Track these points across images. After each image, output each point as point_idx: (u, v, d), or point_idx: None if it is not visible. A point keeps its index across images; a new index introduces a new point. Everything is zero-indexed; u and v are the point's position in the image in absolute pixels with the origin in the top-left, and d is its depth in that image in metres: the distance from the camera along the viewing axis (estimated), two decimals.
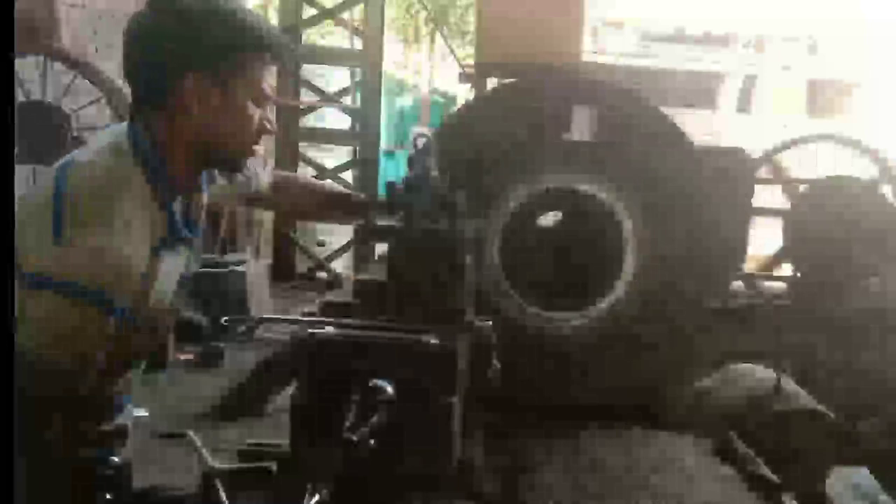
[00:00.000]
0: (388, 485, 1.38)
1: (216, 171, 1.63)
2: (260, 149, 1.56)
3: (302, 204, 2.05)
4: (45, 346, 1.24)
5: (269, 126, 1.51)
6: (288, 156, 7.10)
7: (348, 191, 2.13)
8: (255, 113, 1.46)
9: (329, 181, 5.96)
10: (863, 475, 2.57)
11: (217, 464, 1.74)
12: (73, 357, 1.29)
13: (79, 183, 1.33)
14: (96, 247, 1.27)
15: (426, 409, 1.38)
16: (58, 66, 4.81)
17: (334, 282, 6.98)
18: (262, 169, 1.88)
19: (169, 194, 1.43)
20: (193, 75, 1.38)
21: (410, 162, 1.58)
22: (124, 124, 1.46)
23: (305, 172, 6.99)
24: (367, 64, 7.27)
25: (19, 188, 1.32)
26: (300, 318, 1.59)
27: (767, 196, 3.91)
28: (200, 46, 1.39)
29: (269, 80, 1.49)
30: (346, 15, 7.49)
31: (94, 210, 1.30)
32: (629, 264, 2.89)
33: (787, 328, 3.28)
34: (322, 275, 7.35)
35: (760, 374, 2.88)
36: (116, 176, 1.36)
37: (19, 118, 4.36)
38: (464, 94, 8.25)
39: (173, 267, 1.49)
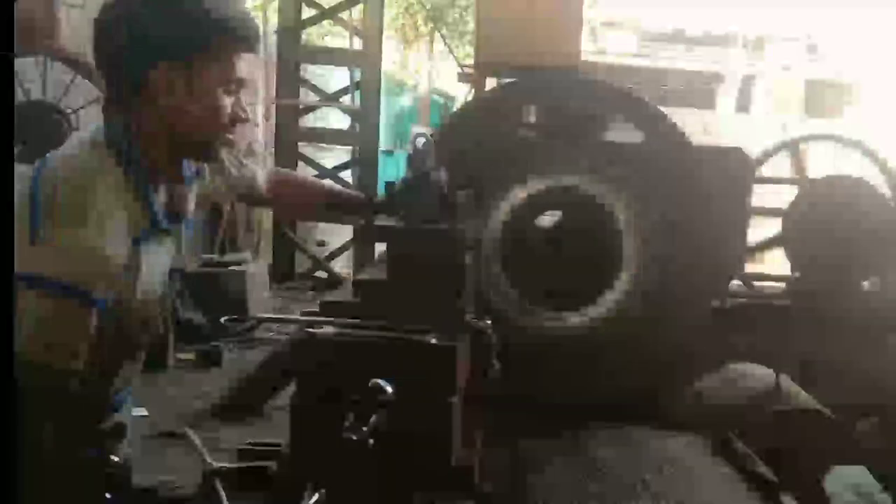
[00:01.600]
0: (388, 485, 1.38)
1: (205, 165, 1.63)
2: (260, 147, 1.56)
3: (300, 202, 2.05)
4: (29, 343, 1.24)
5: (242, 114, 1.48)
6: (288, 155, 7.10)
7: (348, 190, 2.12)
8: (227, 101, 1.44)
9: (328, 180, 5.97)
10: (861, 474, 2.57)
11: (217, 463, 1.75)
12: (58, 354, 1.29)
13: (53, 179, 1.33)
14: (72, 241, 1.28)
15: (426, 409, 1.38)
16: (58, 66, 4.81)
17: (334, 281, 6.99)
18: (260, 167, 1.88)
19: (147, 185, 1.43)
20: (160, 64, 1.37)
21: (410, 161, 1.58)
22: None
23: (305, 172, 6.99)
24: (367, 64, 7.28)
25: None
26: (300, 318, 1.59)
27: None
28: (167, 35, 1.37)
29: (243, 67, 1.46)
30: (345, 15, 7.49)
31: (68, 205, 1.30)
32: (628, 264, 2.89)
33: (786, 328, 3.28)
34: (322, 274, 7.36)
35: (760, 373, 2.89)
36: (90, 169, 1.36)
37: (19, 118, 4.35)
38: (463, 94, 8.25)
39: (158, 258, 1.48)
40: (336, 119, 8.61)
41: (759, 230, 3.76)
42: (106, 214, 1.32)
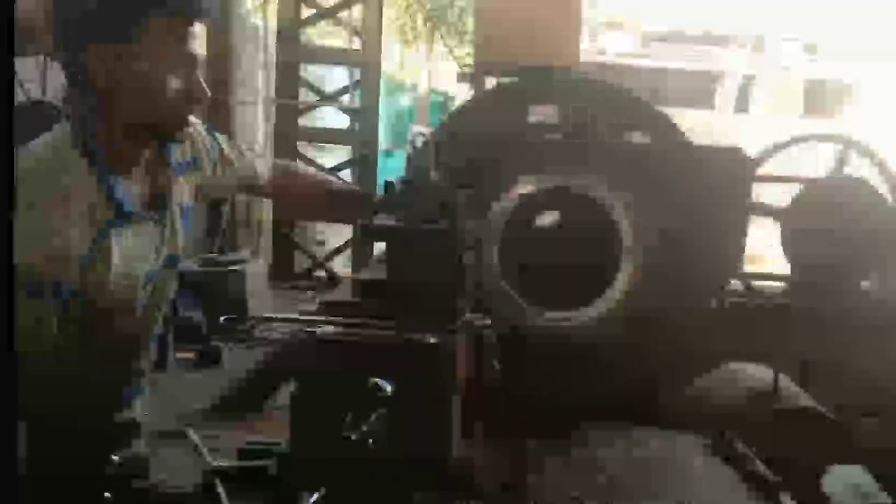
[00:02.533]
0: (388, 485, 1.38)
1: (202, 156, 1.62)
2: (259, 147, 1.56)
3: (302, 199, 2.02)
4: None
5: (198, 92, 1.44)
6: (287, 155, 7.10)
7: (349, 187, 2.12)
8: (175, 79, 1.40)
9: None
10: (861, 474, 2.57)
11: (217, 462, 1.75)
12: (29, 345, 1.27)
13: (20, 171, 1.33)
14: (22, 231, 1.27)
15: (426, 409, 1.38)
16: (58, 66, 4.80)
17: (333, 281, 6.99)
18: (261, 159, 1.87)
19: (109, 172, 1.41)
20: (95, 49, 1.35)
21: (409, 161, 1.58)
22: None
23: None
24: (366, 64, 7.27)
25: None
26: (300, 317, 1.59)
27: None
28: (98, 18, 1.34)
29: (193, 41, 1.40)
30: (344, 15, 7.49)
31: (23, 196, 1.28)
32: (626, 264, 2.89)
33: (786, 328, 3.28)
34: (321, 274, 7.36)
35: (760, 373, 2.88)
36: (47, 159, 1.36)
37: (19, 118, 4.35)
38: (463, 93, 8.25)
39: (135, 246, 1.46)
40: (335, 119, 8.60)
41: (759, 230, 3.76)
42: (60, 204, 1.31)
